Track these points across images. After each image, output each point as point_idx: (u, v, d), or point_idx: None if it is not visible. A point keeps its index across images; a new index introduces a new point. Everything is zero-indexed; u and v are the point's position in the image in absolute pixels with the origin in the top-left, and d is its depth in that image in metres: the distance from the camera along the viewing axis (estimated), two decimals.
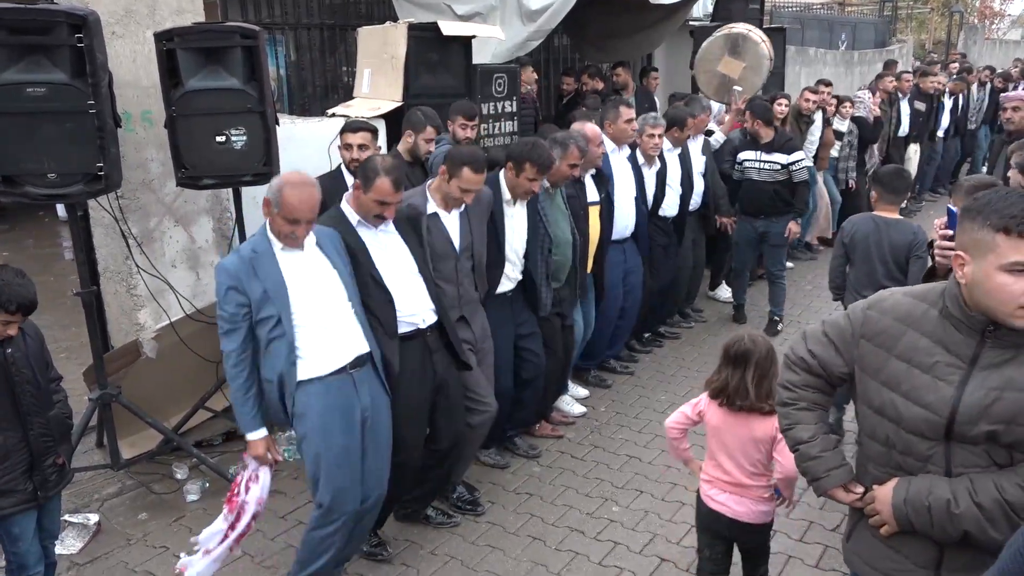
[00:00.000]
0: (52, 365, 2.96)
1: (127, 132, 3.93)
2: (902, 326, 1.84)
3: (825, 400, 2.08)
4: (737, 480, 2.73)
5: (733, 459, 2.73)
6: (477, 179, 3.43)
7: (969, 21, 24.81)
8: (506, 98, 5.69)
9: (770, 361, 2.67)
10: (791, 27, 11.55)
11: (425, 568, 3.40)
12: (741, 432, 2.70)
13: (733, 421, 2.71)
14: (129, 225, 4.02)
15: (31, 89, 3.16)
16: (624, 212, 4.98)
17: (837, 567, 3.35)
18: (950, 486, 1.79)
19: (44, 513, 2.88)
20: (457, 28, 5.36)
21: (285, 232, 2.83)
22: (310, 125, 4.83)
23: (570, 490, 3.99)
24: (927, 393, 1.78)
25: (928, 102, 9.38)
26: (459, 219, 3.58)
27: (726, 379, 2.71)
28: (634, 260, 5.18)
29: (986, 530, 1.74)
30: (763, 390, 2.64)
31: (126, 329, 4.26)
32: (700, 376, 5.32)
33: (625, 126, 4.94)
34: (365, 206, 3.13)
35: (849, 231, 4.10)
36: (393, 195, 3.09)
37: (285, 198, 2.76)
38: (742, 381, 2.66)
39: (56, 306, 6.49)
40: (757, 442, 2.68)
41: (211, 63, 3.61)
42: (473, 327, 3.66)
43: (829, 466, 2.04)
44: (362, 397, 2.97)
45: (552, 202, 4.18)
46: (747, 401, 2.66)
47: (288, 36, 6.99)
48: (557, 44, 9.04)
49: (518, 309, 4.08)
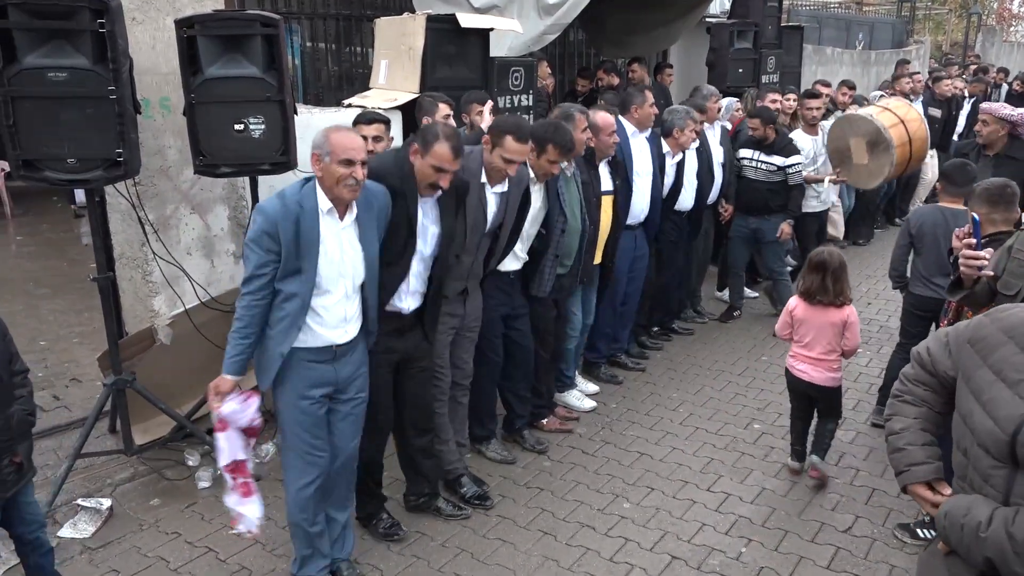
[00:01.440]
0: (18, 358, 2.85)
1: (145, 119, 3.93)
2: (1004, 336, 1.79)
3: (933, 399, 2.01)
4: (815, 356, 3.85)
5: (813, 340, 3.85)
6: (520, 148, 3.41)
7: (987, 23, 24.61)
8: (523, 91, 5.67)
9: (841, 269, 3.77)
10: (808, 26, 11.48)
11: (436, 560, 3.40)
12: (820, 320, 3.82)
13: (814, 313, 3.84)
14: (146, 212, 4.02)
15: (53, 74, 3.16)
16: (641, 196, 4.97)
17: (849, 569, 3.34)
18: (991, 509, 1.72)
19: (15, 507, 2.81)
20: (475, 20, 5.34)
21: (343, 177, 2.72)
22: (327, 115, 4.82)
23: (581, 485, 3.98)
24: (1002, 407, 1.72)
25: (944, 108, 9.26)
26: (498, 199, 3.58)
27: (810, 282, 3.80)
28: (643, 248, 5.17)
29: (1008, 562, 1.66)
30: (835, 289, 3.76)
31: (141, 315, 4.27)
32: (712, 373, 5.33)
33: (651, 110, 4.96)
34: (422, 171, 3.08)
35: (916, 222, 4.26)
36: (452, 162, 3.04)
37: (334, 141, 2.71)
38: (822, 283, 3.76)
39: (70, 291, 6.54)
40: (831, 327, 3.79)
41: (231, 51, 3.61)
42: (468, 302, 3.68)
43: (911, 461, 1.97)
44: (340, 369, 2.97)
45: (568, 186, 4.17)
46: (825, 297, 3.77)
47: (304, 25, 6.99)
48: (573, 39, 9.01)
49: (515, 290, 4.06)
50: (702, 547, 3.49)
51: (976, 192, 3.43)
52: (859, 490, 3.95)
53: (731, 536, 3.57)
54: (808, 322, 3.85)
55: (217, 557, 3.42)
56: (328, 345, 2.91)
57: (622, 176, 4.70)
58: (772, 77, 8.27)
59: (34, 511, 2.91)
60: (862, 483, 4.01)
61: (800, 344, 3.90)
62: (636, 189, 4.90)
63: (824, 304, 3.79)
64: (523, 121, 3.57)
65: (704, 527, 3.64)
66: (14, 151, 3.22)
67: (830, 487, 3.97)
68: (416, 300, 3.31)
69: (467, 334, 3.77)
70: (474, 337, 3.82)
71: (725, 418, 4.72)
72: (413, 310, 3.32)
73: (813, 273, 3.81)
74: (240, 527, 2.94)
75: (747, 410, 4.83)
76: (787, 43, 8.79)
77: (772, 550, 3.47)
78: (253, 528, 2.93)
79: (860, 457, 4.27)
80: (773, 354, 5.70)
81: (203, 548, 3.48)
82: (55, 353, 5.41)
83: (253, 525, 2.93)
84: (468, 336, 3.78)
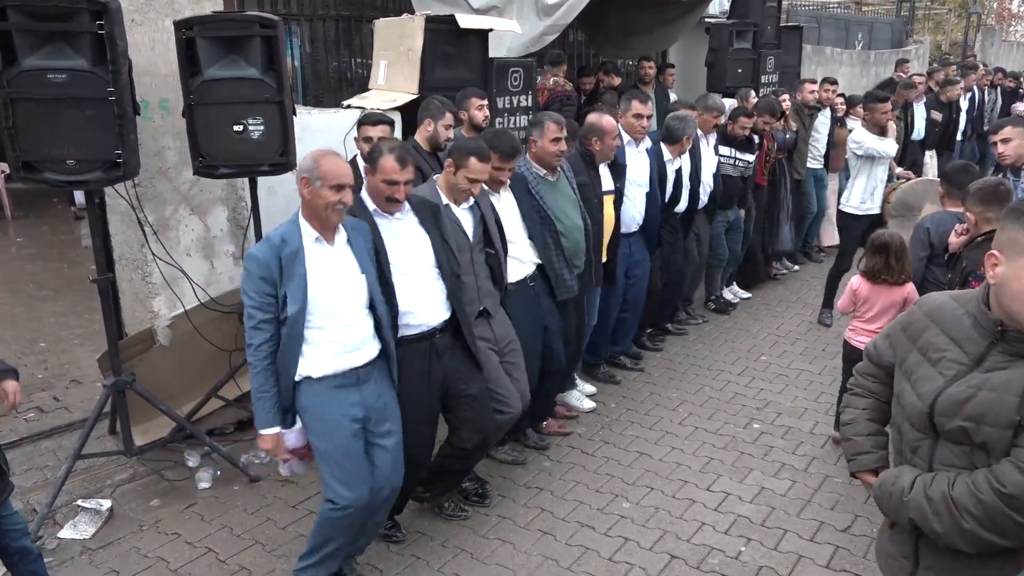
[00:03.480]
0: None
1: (144, 120, 3.94)
2: (928, 320, 1.92)
3: (880, 389, 2.14)
4: (876, 328, 4.04)
5: (876, 316, 4.12)
6: (484, 168, 3.42)
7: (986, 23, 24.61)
8: (521, 92, 5.68)
9: (903, 249, 4.04)
10: (807, 26, 11.48)
11: (435, 560, 3.40)
12: (883, 298, 4.10)
13: (877, 291, 4.11)
14: (145, 213, 4.03)
15: (52, 75, 3.16)
16: (632, 205, 4.95)
17: (848, 568, 3.34)
18: (914, 476, 1.88)
19: None
20: (474, 21, 5.35)
21: (333, 202, 2.75)
22: (326, 116, 4.83)
23: (580, 485, 3.99)
24: (924, 384, 1.86)
25: (945, 111, 9.24)
26: (470, 212, 3.57)
27: (873, 263, 4.07)
28: (640, 254, 5.15)
29: (927, 520, 1.81)
30: (898, 268, 4.02)
31: (140, 317, 4.28)
32: (711, 373, 5.34)
33: (634, 121, 4.89)
34: (376, 190, 3.09)
35: (935, 231, 4.07)
36: (399, 172, 3.03)
37: (324, 167, 2.73)
38: (885, 263, 4.03)
39: (70, 292, 6.55)
40: (893, 304, 4.08)
41: (230, 52, 3.61)
42: (493, 324, 3.63)
43: (858, 450, 2.13)
44: (366, 395, 2.94)
45: (554, 188, 4.13)
46: (890, 276, 4.04)
47: (303, 27, 7.00)
48: (572, 40, 9.02)
49: (543, 301, 4.03)
50: (701, 546, 3.50)
51: (970, 192, 3.43)
52: (858, 489, 3.95)
53: (730, 535, 3.58)
54: (872, 299, 4.13)
55: (217, 558, 3.42)
56: (350, 368, 2.90)
57: (621, 180, 4.70)
58: (771, 77, 8.27)
59: (15, 520, 2.86)
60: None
61: (862, 319, 4.19)
62: (627, 196, 4.87)
63: (888, 283, 4.07)
64: (482, 142, 3.56)
65: (703, 526, 3.64)
66: (13, 152, 3.22)
67: (829, 486, 3.97)
68: (440, 311, 3.26)
69: (507, 357, 3.68)
70: (514, 361, 3.72)
71: (724, 417, 4.72)
72: (438, 328, 3.27)
73: (876, 255, 4.08)
74: (283, 469, 3.12)
75: (746, 410, 4.83)
76: (786, 43, 8.79)
77: (771, 549, 3.47)
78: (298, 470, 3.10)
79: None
80: (772, 354, 5.70)
81: (203, 548, 3.48)
82: (55, 354, 5.41)
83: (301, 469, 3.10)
84: (509, 361, 3.69)
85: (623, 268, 5.00)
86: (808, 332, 6.07)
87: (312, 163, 2.77)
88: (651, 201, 5.10)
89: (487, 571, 3.34)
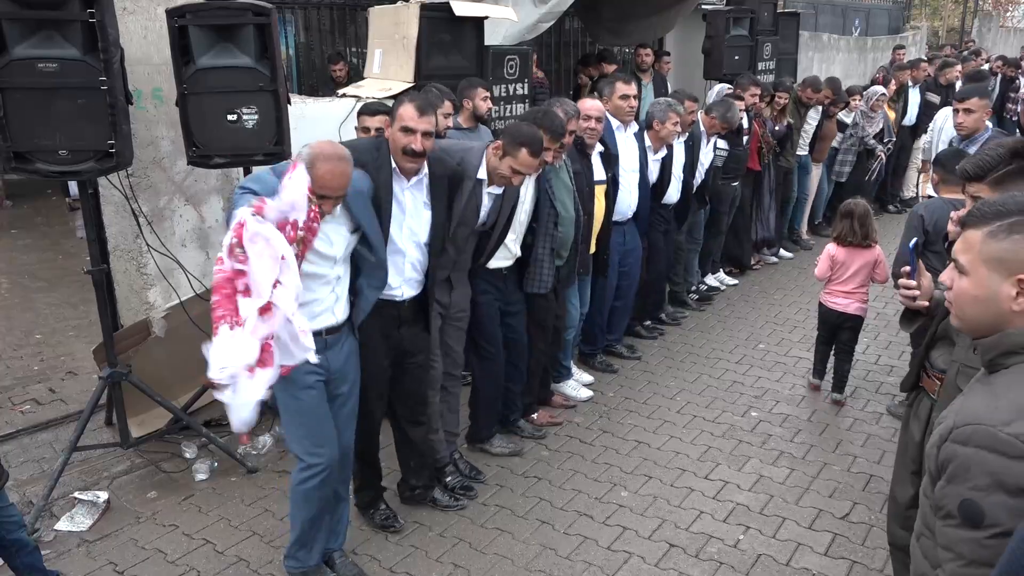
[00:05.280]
0: None
1: (138, 110, 3.91)
2: None
3: None
4: (849, 290, 4.68)
5: (850, 278, 4.65)
6: (532, 162, 3.35)
7: (983, 9, 24.53)
8: (518, 80, 5.65)
9: (866, 215, 4.60)
10: (805, 12, 11.42)
11: (434, 550, 3.40)
12: (855, 260, 4.62)
13: (849, 254, 4.63)
14: (139, 203, 4.00)
15: (43, 64, 3.13)
16: (628, 192, 4.92)
17: (847, 555, 3.35)
18: None
19: None
20: (469, 9, 5.30)
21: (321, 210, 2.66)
22: (321, 105, 4.80)
23: (579, 475, 3.98)
24: None
25: (942, 93, 9.24)
26: (493, 199, 3.53)
27: (840, 228, 4.63)
28: (633, 242, 5.13)
29: None
30: (862, 232, 4.57)
31: (136, 308, 4.26)
32: (709, 362, 5.33)
33: (620, 102, 4.79)
34: (395, 141, 3.01)
35: (930, 219, 4.01)
36: (416, 119, 2.95)
37: (318, 172, 2.59)
38: (851, 227, 4.58)
39: (65, 284, 6.52)
40: (866, 263, 4.61)
41: (223, 40, 3.58)
42: (453, 293, 3.62)
43: None
44: (331, 360, 2.92)
45: (558, 177, 4.13)
46: (854, 239, 4.58)
47: (298, 15, 6.95)
48: (568, 27, 8.96)
49: (509, 286, 4.01)
50: (700, 535, 3.50)
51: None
52: (856, 477, 3.96)
53: (729, 523, 3.58)
54: (847, 262, 4.63)
55: (215, 549, 3.41)
56: (316, 331, 2.81)
57: (613, 169, 4.67)
58: (768, 64, 8.24)
59: (10, 512, 2.86)
60: (859, 470, 4.02)
61: (838, 282, 4.69)
62: (622, 185, 4.84)
63: (855, 245, 4.58)
64: (537, 134, 3.42)
65: (702, 515, 3.64)
66: (5, 143, 3.19)
67: (827, 474, 3.97)
68: (412, 287, 3.28)
69: (453, 323, 3.70)
70: (461, 326, 3.74)
71: (722, 406, 4.72)
72: (410, 299, 3.29)
73: (843, 220, 4.64)
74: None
75: (744, 398, 4.83)
76: (783, 30, 8.74)
77: (770, 537, 3.48)
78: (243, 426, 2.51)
79: (858, 444, 4.28)
80: (770, 342, 5.70)
81: (201, 540, 3.47)
82: (51, 346, 5.39)
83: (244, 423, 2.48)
84: (455, 324, 3.71)
85: (617, 255, 4.98)
86: (806, 320, 6.06)
87: (311, 162, 2.57)
88: (643, 186, 5.05)
89: (486, 560, 3.34)
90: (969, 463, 1.41)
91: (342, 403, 3.04)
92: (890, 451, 4.18)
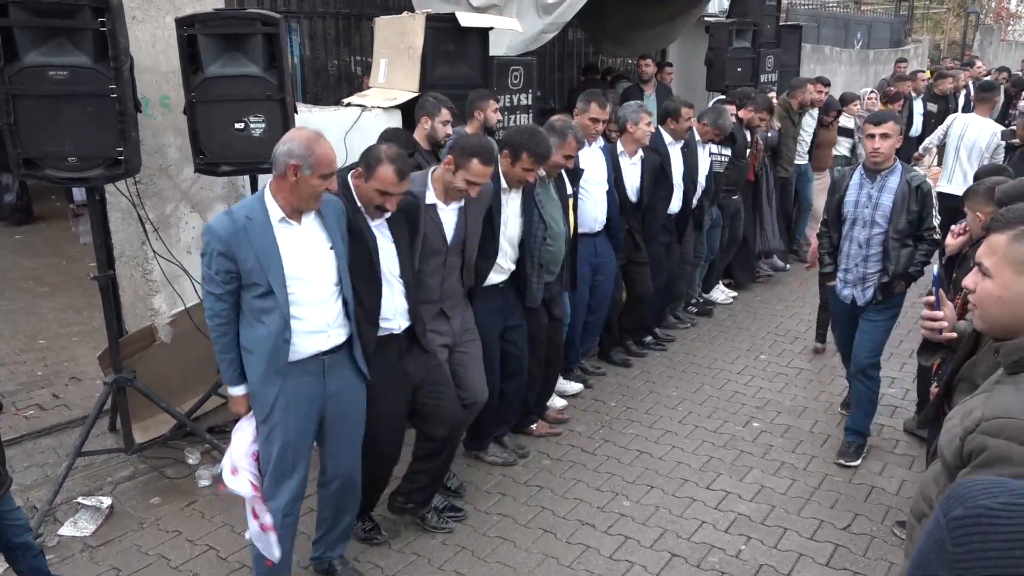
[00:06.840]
0: None
1: (146, 117, 3.93)
2: None
3: None
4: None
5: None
6: (485, 171, 3.31)
7: (984, 22, 24.63)
8: (522, 91, 5.68)
9: None
10: (807, 25, 11.49)
11: (436, 558, 3.41)
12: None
13: None
14: (146, 210, 4.03)
15: (54, 72, 3.16)
16: (593, 205, 4.78)
17: (848, 566, 3.35)
18: None
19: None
20: (475, 19, 5.35)
21: (319, 192, 2.69)
22: (327, 114, 4.83)
23: (580, 484, 3.99)
24: None
25: (941, 103, 9.29)
26: (456, 214, 3.46)
27: None
28: (606, 255, 4.97)
29: None
30: None
31: (141, 314, 4.27)
32: (711, 372, 5.34)
33: (589, 123, 4.63)
34: (366, 195, 2.99)
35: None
36: (396, 185, 2.93)
37: (319, 154, 2.62)
38: None
39: (69, 289, 6.53)
40: None
41: (231, 50, 3.61)
42: (452, 321, 3.57)
43: None
44: (329, 384, 2.89)
45: (547, 192, 4.10)
46: None
47: (303, 25, 6.99)
48: (572, 38, 9.02)
49: (509, 302, 3.98)
50: (702, 545, 3.50)
51: (980, 191, 3.34)
52: (858, 488, 3.96)
53: (730, 534, 3.58)
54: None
55: (218, 555, 3.42)
56: (314, 355, 2.83)
57: (576, 184, 4.50)
58: (770, 76, 8.28)
59: (15, 516, 2.85)
60: (861, 481, 4.02)
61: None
62: (589, 197, 4.72)
63: None
64: (488, 143, 3.44)
65: (703, 525, 3.65)
66: (15, 149, 3.22)
67: (829, 485, 3.98)
68: (405, 319, 3.25)
69: (461, 350, 3.62)
70: (471, 352, 3.67)
71: (724, 416, 4.73)
72: (405, 329, 3.26)
73: None
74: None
75: (746, 408, 4.84)
76: (786, 42, 8.80)
77: (771, 547, 3.48)
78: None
79: (859, 456, 4.28)
80: (772, 353, 5.71)
81: (204, 546, 3.48)
82: (55, 351, 5.41)
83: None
84: (463, 352, 3.63)
85: (588, 270, 4.84)
86: (808, 331, 6.07)
87: (305, 149, 2.64)
88: (611, 200, 4.91)
89: (488, 569, 3.35)
90: (1011, 453, 1.46)
91: (340, 426, 2.99)
92: (891, 462, 4.20)
